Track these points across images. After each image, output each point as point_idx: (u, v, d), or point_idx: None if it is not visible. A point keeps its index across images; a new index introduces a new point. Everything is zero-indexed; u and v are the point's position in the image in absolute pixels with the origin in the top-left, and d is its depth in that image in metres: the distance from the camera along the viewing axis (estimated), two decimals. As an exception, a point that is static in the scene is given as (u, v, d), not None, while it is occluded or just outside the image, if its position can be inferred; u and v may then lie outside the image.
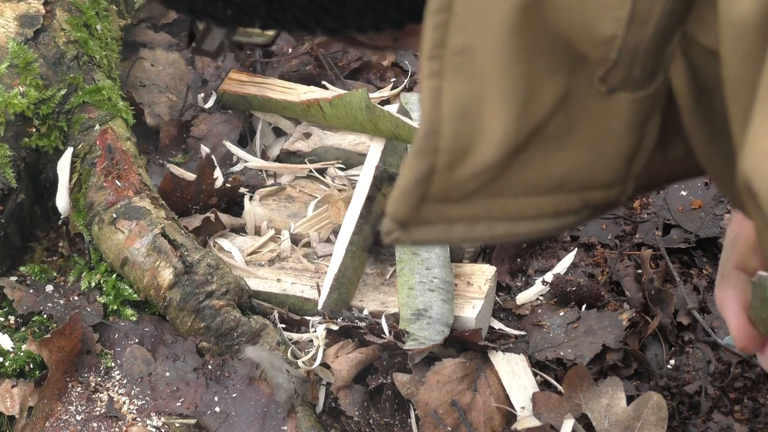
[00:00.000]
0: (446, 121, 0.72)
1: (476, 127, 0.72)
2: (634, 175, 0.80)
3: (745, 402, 1.48)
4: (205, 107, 1.93)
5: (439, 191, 0.76)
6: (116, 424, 1.44)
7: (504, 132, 0.72)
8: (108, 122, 1.64)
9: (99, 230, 1.56)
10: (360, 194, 1.63)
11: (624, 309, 1.57)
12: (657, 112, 0.76)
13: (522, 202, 0.78)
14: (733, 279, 0.92)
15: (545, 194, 0.78)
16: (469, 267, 1.61)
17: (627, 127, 0.75)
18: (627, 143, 0.77)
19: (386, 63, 2.02)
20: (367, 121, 1.66)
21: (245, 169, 1.83)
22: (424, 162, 0.74)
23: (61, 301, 1.56)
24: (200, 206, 1.72)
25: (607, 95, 0.73)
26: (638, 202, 1.77)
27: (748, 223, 0.91)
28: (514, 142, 0.73)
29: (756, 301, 0.87)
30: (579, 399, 1.44)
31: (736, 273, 0.93)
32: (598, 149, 0.77)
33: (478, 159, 0.73)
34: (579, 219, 0.82)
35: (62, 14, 1.69)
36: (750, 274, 0.92)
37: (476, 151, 0.73)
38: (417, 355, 1.47)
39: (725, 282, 0.93)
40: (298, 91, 1.87)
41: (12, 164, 1.56)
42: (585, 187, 0.79)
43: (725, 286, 0.93)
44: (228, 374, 1.46)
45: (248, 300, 1.55)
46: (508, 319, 1.61)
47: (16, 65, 1.58)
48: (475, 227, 0.79)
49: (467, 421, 1.42)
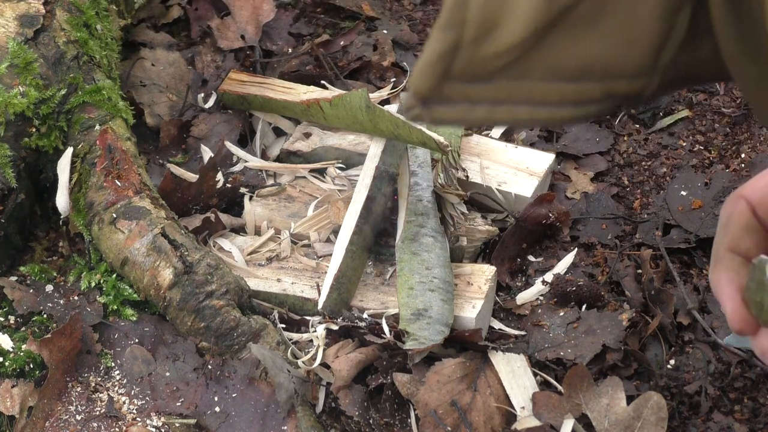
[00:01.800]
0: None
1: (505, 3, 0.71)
2: (660, 68, 0.79)
3: (745, 402, 1.48)
4: (205, 107, 1.93)
5: (463, 68, 0.75)
6: (116, 424, 1.44)
7: (533, 10, 0.71)
8: (108, 122, 1.64)
9: (99, 230, 1.56)
10: (360, 194, 1.63)
11: (624, 309, 1.57)
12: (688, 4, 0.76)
13: (545, 86, 0.77)
14: (726, 261, 0.91)
15: (569, 80, 0.78)
16: (469, 267, 1.61)
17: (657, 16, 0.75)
18: (656, 33, 0.76)
19: (386, 63, 2.02)
20: (367, 121, 1.66)
21: (245, 169, 1.83)
22: (450, 35, 0.73)
23: (61, 301, 1.56)
24: (200, 206, 1.72)
25: None
26: (638, 202, 1.77)
27: (741, 204, 0.91)
28: (542, 20, 0.72)
29: (752, 282, 0.87)
30: (579, 399, 1.44)
31: (730, 255, 0.91)
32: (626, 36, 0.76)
33: (505, 36, 0.73)
34: (601, 109, 0.81)
35: (62, 14, 1.69)
36: (743, 255, 0.91)
37: (504, 27, 0.72)
38: (417, 355, 1.47)
39: (719, 265, 0.92)
40: (298, 91, 1.87)
41: (12, 164, 1.56)
42: (610, 75, 0.78)
43: (719, 269, 0.92)
44: (228, 374, 1.46)
45: (248, 300, 1.55)
46: (508, 319, 1.61)
47: (16, 65, 1.58)
48: (497, 109, 0.78)
49: (467, 421, 1.42)
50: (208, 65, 2.04)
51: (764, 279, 0.85)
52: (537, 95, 0.78)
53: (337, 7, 2.17)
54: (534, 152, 1.80)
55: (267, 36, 2.10)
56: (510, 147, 1.81)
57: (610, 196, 1.77)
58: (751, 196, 0.90)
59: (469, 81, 0.76)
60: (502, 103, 0.78)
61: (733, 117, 1.89)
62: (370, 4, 2.19)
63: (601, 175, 1.83)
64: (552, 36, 0.74)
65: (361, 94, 1.66)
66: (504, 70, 0.75)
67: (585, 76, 0.77)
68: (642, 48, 0.77)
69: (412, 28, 2.14)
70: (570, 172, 1.83)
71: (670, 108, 1.93)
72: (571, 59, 0.76)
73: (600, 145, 1.87)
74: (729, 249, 0.91)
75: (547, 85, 0.77)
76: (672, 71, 0.80)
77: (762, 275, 0.85)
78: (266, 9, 2.11)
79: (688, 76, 0.84)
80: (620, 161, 1.85)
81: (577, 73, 0.77)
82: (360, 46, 2.06)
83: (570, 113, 0.80)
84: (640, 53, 0.77)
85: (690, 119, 1.91)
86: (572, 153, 1.85)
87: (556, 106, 0.79)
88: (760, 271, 0.85)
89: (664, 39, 0.77)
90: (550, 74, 0.77)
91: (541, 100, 0.78)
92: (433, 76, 0.75)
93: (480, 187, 1.73)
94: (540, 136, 1.89)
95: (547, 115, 0.79)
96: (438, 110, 0.78)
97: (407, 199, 1.62)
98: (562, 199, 1.77)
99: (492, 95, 0.77)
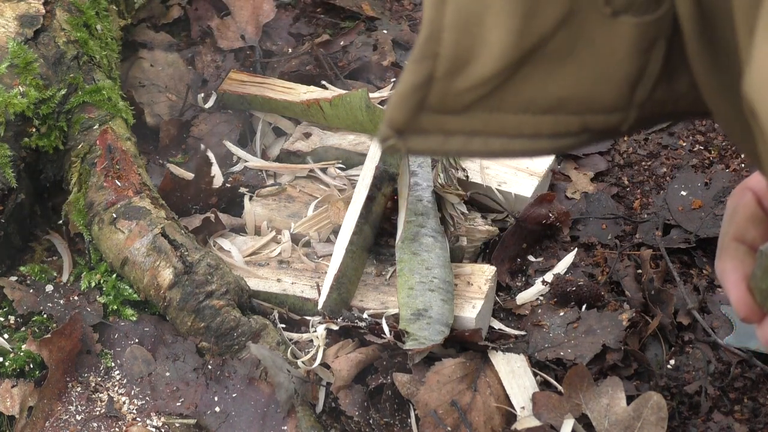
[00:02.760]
0: (448, 29, 0.72)
1: (477, 38, 0.72)
2: (636, 104, 0.80)
3: (745, 402, 1.48)
4: (205, 107, 1.93)
5: (437, 100, 0.75)
6: (116, 424, 1.44)
7: (505, 45, 0.72)
8: (108, 122, 1.64)
9: (99, 230, 1.56)
10: (360, 194, 1.63)
11: (624, 309, 1.57)
12: (662, 39, 0.76)
13: (520, 119, 0.78)
14: (732, 250, 0.92)
15: (544, 113, 0.78)
16: (469, 267, 1.61)
17: (631, 51, 0.75)
18: (630, 68, 0.77)
19: (386, 63, 2.02)
20: (367, 121, 1.66)
21: (245, 169, 1.83)
22: (423, 68, 0.74)
23: (61, 301, 1.56)
24: (200, 206, 1.72)
25: (612, 18, 0.73)
26: (638, 202, 1.77)
27: (747, 195, 0.91)
28: (514, 55, 0.73)
29: (758, 270, 0.87)
30: (579, 399, 1.44)
31: (735, 244, 0.92)
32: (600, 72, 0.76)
33: (477, 70, 0.73)
34: (578, 142, 0.82)
35: (62, 14, 1.69)
36: (749, 245, 0.92)
37: (476, 62, 0.73)
38: (417, 355, 1.47)
39: (724, 254, 0.93)
40: (298, 91, 1.87)
41: (12, 164, 1.56)
42: (585, 109, 0.79)
43: (724, 258, 0.92)
44: (228, 374, 1.46)
45: (248, 300, 1.55)
46: (508, 319, 1.61)
47: (16, 65, 1.58)
48: (472, 141, 0.79)
49: (467, 421, 1.42)
50: (208, 65, 2.04)
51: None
52: (511, 128, 0.78)
53: (337, 7, 2.17)
54: (534, 152, 1.80)
55: (267, 36, 2.10)
56: (510, 147, 1.81)
57: (610, 196, 1.77)
58: (757, 187, 0.91)
59: (443, 113, 0.76)
60: (477, 135, 0.78)
61: (733, 117, 1.89)
62: (370, 4, 2.19)
63: (601, 175, 1.83)
64: (525, 70, 0.75)
65: (361, 94, 1.66)
66: (478, 103, 0.76)
67: (560, 110, 0.78)
68: (616, 83, 0.77)
69: (412, 28, 2.14)
70: (570, 172, 1.83)
71: (670, 108, 1.93)
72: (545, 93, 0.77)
73: (600, 145, 1.87)
74: (734, 238, 0.92)
75: (522, 117, 0.78)
76: (650, 107, 0.81)
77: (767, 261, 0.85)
78: (266, 9, 2.11)
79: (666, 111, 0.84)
80: (620, 161, 1.85)
81: (551, 106, 0.78)
82: (360, 46, 2.06)
83: (546, 145, 0.80)
84: (615, 88, 0.78)
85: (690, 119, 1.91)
86: (572, 153, 1.85)
87: (532, 139, 0.79)
88: (767, 258, 0.86)
89: (639, 74, 0.77)
90: (524, 107, 0.77)
91: (517, 132, 0.79)
92: (407, 108, 0.76)
93: (480, 187, 1.73)
94: (540, 136, 1.89)
95: (522, 147, 0.80)
96: (413, 141, 0.78)
97: (407, 199, 1.62)
98: (562, 199, 1.77)
99: (467, 127, 0.78)
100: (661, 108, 0.83)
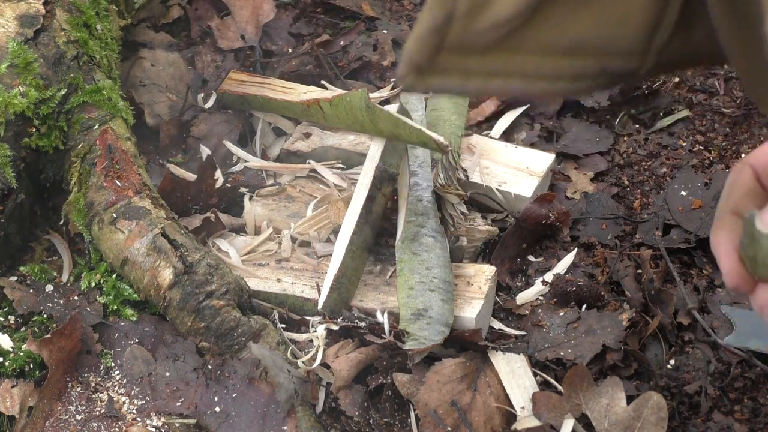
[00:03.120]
0: None
1: None
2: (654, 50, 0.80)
3: (745, 402, 1.48)
4: (205, 107, 1.93)
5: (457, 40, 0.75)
6: (116, 424, 1.44)
7: None
8: (108, 122, 1.64)
9: (99, 230, 1.56)
10: (360, 194, 1.63)
11: (624, 309, 1.57)
12: None
13: (540, 60, 0.78)
14: (726, 222, 0.93)
15: (563, 54, 0.78)
16: (469, 267, 1.61)
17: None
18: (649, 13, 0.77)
19: (386, 63, 2.02)
20: (367, 121, 1.66)
21: (245, 169, 1.83)
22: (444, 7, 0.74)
23: (61, 301, 1.56)
24: (200, 206, 1.72)
25: None
26: (638, 202, 1.77)
27: (746, 169, 0.92)
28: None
29: (745, 237, 0.88)
30: (579, 399, 1.44)
31: (731, 217, 0.93)
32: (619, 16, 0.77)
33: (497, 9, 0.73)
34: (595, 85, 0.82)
35: (62, 14, 1.69)
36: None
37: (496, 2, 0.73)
38: (417, 355, 1.47)
39: (719, 224, 0.94)
40: (298, 91, 1.87)
41: (12, 164, 1.56)
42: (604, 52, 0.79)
43: (719, 229, 0.93)
44: (228, 374, 1.46)
45: (248, 300, 1.55)
46: (508, 319, 1.61)
47: (16, 65, 1.58)
48: (492, 81, 0.79)
49: (467, 421, 1.42)
50: (208, 65, 2.04)
51: (755, 232, 0.86)
52: (531, 68, 0.78)
53: (337, 7, 2.17)
54: (534, 152, 1.80)
55: (267, 36, 2.10)
56: (510, 147, 1.81)
57: (610, 196, 1.77)
58: (756, 163, 0.92)
59: (463, 52, 0.76)
60: (497, 75, 0.79)
61: (733, 117, 1.89)
62: (370, 4, 2.19)
63: (601, 175, 1.83)
64: (545, 10, 0.75)
65: (361, 94, 1.66)
66: (498, 43, 0.76)
67: (579, 51, 0.78)
68: (635, 27, 0.78)
69: (412, 28, 2.14)
70: (570, 172, 1.83)
71: (670, 108, 1.93)
72: (564, 34, 0.77)
73: (600, 145, 1.87)
74: (731, 212, 0.93)
75: (541, 58, 0.78)
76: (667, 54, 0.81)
77: (752, 228, 0.86)
78: (266, 9, 2.11)
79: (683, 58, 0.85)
80: (620, 161, 1.85)
81: (570, 47, 0.78)
82: (360, 46, 2.06)
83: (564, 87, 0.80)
84: (633, 32, 0.78)
85: (690, 119, 1.91)
86: (572, 153, 1.85)
87: (550, 80, 0.80)
88: (750, 225, 0.87)
89: (657, 19, 0.78)
90: (543, 48, 0.78)
91: (535, 73, 0.79)
92: (427, 46, 0.76)
93: (480, 187, 1.73)
94: (540, 136, 1.89)
95: (541, 88, 0.80)
96: (432, 79, 0.79)
97: (407, 199, 1.62)
98: (562, 199, 1.77)
99: (486, 67, 0.78)
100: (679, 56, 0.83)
